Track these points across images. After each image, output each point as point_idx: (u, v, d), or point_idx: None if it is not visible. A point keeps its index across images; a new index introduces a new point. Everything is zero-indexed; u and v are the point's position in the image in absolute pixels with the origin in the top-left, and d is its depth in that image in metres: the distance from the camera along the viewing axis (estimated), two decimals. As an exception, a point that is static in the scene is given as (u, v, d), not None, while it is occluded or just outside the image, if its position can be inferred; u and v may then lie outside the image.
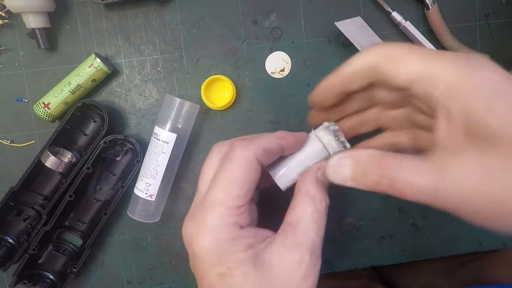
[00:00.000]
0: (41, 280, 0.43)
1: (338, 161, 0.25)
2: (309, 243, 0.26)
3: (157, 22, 0.44)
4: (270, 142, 0.27)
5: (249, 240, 0.25)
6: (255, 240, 0.25)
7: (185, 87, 0.44)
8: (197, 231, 0.25)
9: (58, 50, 0.43)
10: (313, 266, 0.26)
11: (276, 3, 0.44)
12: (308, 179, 0.28)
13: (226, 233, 0.24)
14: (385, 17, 0.44)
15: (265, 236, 0.26)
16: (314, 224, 0.26)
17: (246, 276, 0.24)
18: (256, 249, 0.25)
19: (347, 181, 0.25)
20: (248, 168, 0.25)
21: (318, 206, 0.27)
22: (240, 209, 0.25)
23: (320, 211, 0.27)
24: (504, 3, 0.44)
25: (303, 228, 0.26)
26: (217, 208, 0.24)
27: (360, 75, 0.26)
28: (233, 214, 0.25)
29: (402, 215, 0.47)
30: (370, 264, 0.47)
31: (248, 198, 0.25)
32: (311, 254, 0.25)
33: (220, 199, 0.25)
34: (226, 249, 0.24)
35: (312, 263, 0.25)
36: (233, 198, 0.25)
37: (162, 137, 0.40)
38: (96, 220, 0.44)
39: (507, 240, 0.48)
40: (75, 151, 0.43)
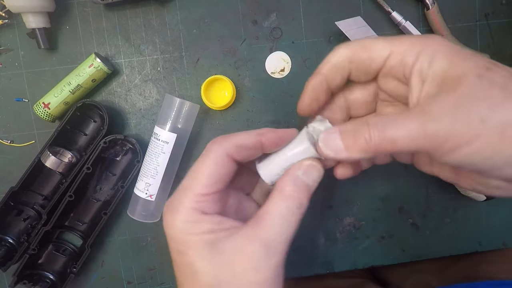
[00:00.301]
0: (41, 280, 0.43)
1: (327, 135, 0.26)
2: (268, 237, 0.26)
3: (157, 22, 0.44)
4: (245, 138, 0.29)
5: (210, 225, 0.27)
6: (218, 227, 0.27)
7: (185, 87, 0.44)
8: (166, 211, 0.28)
9: (58, 50, 0.44)
10: (266, 260, 0.26)
11: (276, 3, 0.44)
12: (287, 176, 0.28)
13: (187, 216, 0.27)
14: (385, 17, 0.44)
15: (232, 226, 0.27)
16: (280, 220, 0.26)
17: (198, 257, 0.26)
18: (216, 235, 0.27)
19: (340, 151, 0.25)
20: (216, 161, 0.28)
21: (290, 204, 0.27)
22: (204, 197, 0.27)
23: (290, 209, 0.27)
24: (504, 3, 0.44)
25: (267, 222, 0.27)
26: (183, 193, 0.28)
27: (339, 67, 0.28)
28: (196, 200, 0.27)
29: (402, 215, 0.47)
30: (370, 264, 0.47)
31: (216, 188, 0.28)
32: (267, 248, 0.26)
33: (187, 185, 0.28)
34: (186, 230, 0.27)
35: (266, 257, 0.26)
36: (197, 186, 0.27)
37: (162, 137, 0.40)
38: (96, 220, 0.44)
39: (507, 240, 0.48)
40: (75, 151, 0.43)
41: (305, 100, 0.30)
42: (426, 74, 0.25)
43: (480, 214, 0.48)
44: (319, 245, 0.47)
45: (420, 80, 0.25)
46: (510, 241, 0.48)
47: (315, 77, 0.29)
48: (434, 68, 0.24)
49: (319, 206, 0.46)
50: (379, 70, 0.28)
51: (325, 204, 0.47)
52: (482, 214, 0.48)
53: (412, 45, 0.26)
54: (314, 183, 0.29)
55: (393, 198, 0.47)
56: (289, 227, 0.27)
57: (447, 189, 0.47)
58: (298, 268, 0.47)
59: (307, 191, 0.28)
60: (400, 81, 0.27)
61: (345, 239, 0.47)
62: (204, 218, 0.27)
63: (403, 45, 0.26)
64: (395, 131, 0.23)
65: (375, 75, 0.28)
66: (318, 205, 0.46)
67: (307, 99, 0.30)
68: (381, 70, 0.27)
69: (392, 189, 0.47)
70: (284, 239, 0.27)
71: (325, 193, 0.46)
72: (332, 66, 0.28)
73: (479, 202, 0.46)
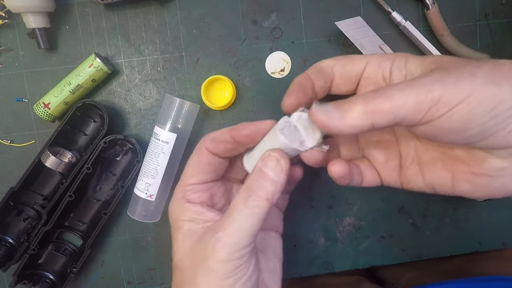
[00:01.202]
0: (41, 280, 0.43)
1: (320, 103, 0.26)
2: (219, 229, 0.28)
3: (157, 22, 0.44)
4: (220, 133, 0.31)
5: (192, 215, 0.30)
6: (198, 217, 0.30)
7: (185, 87, 0.44)
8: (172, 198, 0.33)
9: (58, 50, 0.44)
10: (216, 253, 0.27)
11: (276, 3, 0.44)
12: (253, 170, 0.28)
13: (177, 202, 0.31)
14: (385, 17, 0.44)
15: (211, 219, 0.30)
16: (234, 214, 0.27)
17: (176, 239, 0.30)
18: (195, 224, 0.30)
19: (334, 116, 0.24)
20: (198, 155, 0.31)
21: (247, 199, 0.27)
22: (189, 186, 0.31)
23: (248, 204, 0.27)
24: (504, 3, 0.44)
25: (225, 215, 0.28)
26: (179, 183, 0.32)
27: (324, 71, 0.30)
28: (182, 189, 0.31)
29: (402, 215, 0.47)
30: (370, 264, 0.47)
31: (199, 179, 0.31)
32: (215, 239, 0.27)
33: (181, 177, 0.32)
34: (176, 215, 0.31)
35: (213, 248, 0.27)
36: (184, 177, 0.32)
37: (162, 137, 0.40)
38: (96, 220, 0.44)
39: (507, 240, 0.48)
40: (75, 151, 0.43)
41: (292, 94, 0.30)
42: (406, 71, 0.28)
43: (480, 214, 0.48)
44: (319, 245, 0.47)
45: (401, 75, 0.28)
46: (510, 241, 0.48)
47: (302, 75, 0.31)
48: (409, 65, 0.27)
49: (319, 206, 0.46)
50: (360, 76, 0.30)
51: (325, 204, 0.47)
52: (482, 214, 0.48)
53: (386, 56, 0.29)
54: (278, 175, 0.27)
55: (393, 198, 0.47)
56: (243, 219, 0.27)
57: (447, 189, 0.47)
58: (298, 268, 0.47)
59: (268, 184, 0.27)
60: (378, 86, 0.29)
61: (345, 239, 0.47)
62: (188, 207, 0.30)
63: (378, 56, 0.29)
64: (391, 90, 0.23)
65: (356, 81, 0.30)
66: (318, 205, 0.46)
67: (294, 93, 0.30)
68: (361, 77, 0.30)
69: (392, 189, 0.46)
70: (236, 231, 0.27)
71: (325, 193, 0.46)
72: (317, 69, 0.31)
73: (479, 202, 0.46)
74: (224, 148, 0.31)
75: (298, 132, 0.28)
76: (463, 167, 0.26)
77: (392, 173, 0.31)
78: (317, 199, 0.46)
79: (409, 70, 0.27)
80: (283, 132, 0.27)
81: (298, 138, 0.27)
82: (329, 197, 0.46)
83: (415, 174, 0.30)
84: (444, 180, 0.28)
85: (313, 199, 0.46)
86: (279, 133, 0.27)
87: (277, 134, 0.27)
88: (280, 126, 0.27)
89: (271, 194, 0.27)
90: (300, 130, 0.28)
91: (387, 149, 0.32)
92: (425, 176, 0.29)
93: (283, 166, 0.28)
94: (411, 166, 0.30)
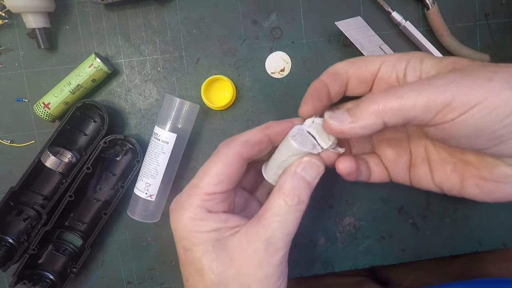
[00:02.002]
0: (41, 280, 0.43)
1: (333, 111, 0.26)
2: (268, 234, 0.26)
3: (157, 22, 0.44)
4: (252, 134, 0.29)
5: (216, 224, 0.27)
6: (223, 225, 0.28)
7: (185, 87, 0.44)
8: (173, 208, 0.29)
9: (58, 50, 0.43)
10: (268, 257, 0.26)
11: (276, 3, 0.44)
12: (285, 173, 0.28)
13: (194, 213, 0.27)
14: (385, 17, 0.44)
15: (237, 224, 0.28)
16: (278, 217, 0.27)
17: (203, 254, 0.27)
18: (221, 233, 0.27)
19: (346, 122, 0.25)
20: (224, 161, 0.28)
21: (288, 201, 0.27)
22: (211, 195, 0.28)
23: (289, 206, 0.27)
24: (504, 3, 0.44)
25: (266, 219, 0.27)
26: (191, 191, 0.28)
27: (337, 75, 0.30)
28: (203, 199, 0.28)
29: (402, 215, 0.47)
30: (370, 264, 0.47)
31: (223, 188, 0.28)
32: (267, 245, 0.26)
33: (195, 184, 0.28)
34: (192, 227, 0.27)
35: (267, 254, 0.26)
36: (205, 185, 0.28)
37: (162, 137, 0.40)
38: (96, 220, 0.44)
39: (507, 240, 0.48)
40: (75, 151, 0.43)
41: (309, 102, 0.30)
42: (421, 71, 0.27)
43: (480, 214, 0.48)
44: (319, 245, 0.47)
45: (416, 75, 0.27)
46: (510, 241, 0.48)
47: (317, 81, 0.30)
48: (424, 65, 0.27)
49: (319, 206, 0.46)
50: (374, 78, 0.29)
51: (325, 204, 0.47)
52: (482, 214, 0.48)
53: (401, 56, 0.28)
54: (314, 179, 0.29)
55: (393, 198, 0.47)
56: (289, 223, 0.27)
57: (447, 189, 0.47)
58: (298, 268, 0.47)
59: (307, 188, 0.28)
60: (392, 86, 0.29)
61: (345, 239, 0.47)
62: (210, 217, 0.27)
63: (393, 57, 0.29)
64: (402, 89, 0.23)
65: (370, 83, 0.30)
66: (318, 205, 0.46)
67: (310, 101, 0.30)
68: (376, 78, 0.29)
69: (392, 189, 0.47)
70: (284, 236, 0.27)
71: (325, 193, 0.46)
72: (331, 74, 0.30)
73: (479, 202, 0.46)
74: (259, 149, 0.29)
75: (310, 138, 0.29)
76: (473, 171, 0.26)
77: (402, 170, 0.31)
78: (317, 199, 0.46)
79: (424, 70, 0.27)
80: (295, 138, 0.28)
81: (310, 143, 0.28)
82: (329, 197, 0.46)
83: (425, 173, 0.30)
84: (453, 183, 0.28)
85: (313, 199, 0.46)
86: (291, 140, 0.28)
87: (289, 140, 0.28)
88: (292, 133, 0.28)
89: (309, 196, 0.28)
90: (314, 135, 0.29)
91: (398, 146, 0.32)
92: (434, 176, 0.29)
93: (322, 172, 0.29)
94: (421, 165, 0.30)
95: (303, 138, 0.28)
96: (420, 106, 0.22)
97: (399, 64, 0.28)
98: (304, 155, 0.28)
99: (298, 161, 0.28)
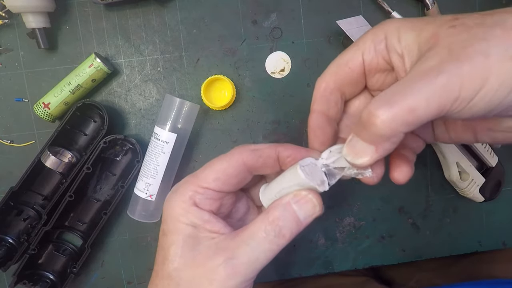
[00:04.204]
0: (41, 280, 0.43)
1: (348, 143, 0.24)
2: (233, 254, 0.25)
3: (157, 22, 0.44)
4: (264, 146, 0.28)
5: (194, 219, 0.27)
6: (201, 224, 0.27)
7: (185, 87, 0.44)
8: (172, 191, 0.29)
9: (58, 50, 0.43)
10: (224, 277, 0.25)
11: (276, 3, 0.44)
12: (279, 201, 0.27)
13: (181, 200, 0.27)
14: (385, 17, 0.44)
15: (217, 230, 0.27)
16: (252, 241, 0.25)
17: (173, 244, 0.27)
18: (198, 231, 0.27)
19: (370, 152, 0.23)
20: (228, 161, 0.28)
21: (268, 229, 0.26)
22: (203, 189, 0.27)
23: (267, 234, 0.25)
24: (504, 3, 0.44)
25: (239, 239, 0.26)
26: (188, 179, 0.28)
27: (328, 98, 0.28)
28: (193, 189, 0.27)
29: (402, 215, 0.47)
30: (370, 264, 0.47)
31: (217, 186, 0.27)
32: (227, 265, 0.25)
33: (195, 174, 0.28)
34: (177, 215, 0.27)
35: (224, 273, 0.25)
36: (202, 177, 0.28)
37: (162, 137, 0.40)
38: (96, 220, 0.44)
39: (507, 240, 0.48)
40: (75, 151, 0.43)
41: (315, 142, 0.29)
42: (400, 48, 0.24)
43: (480, 214, 0.48)
44: (319, 245, 0.47)
45: (399, 56, 0.25)
46: (510, 241, 0.48)
47: (312, 117, 0.28)
48: (404, 40, 0.24)
49: (319, 206, 0.46)
50: (364, 73, 0.27)
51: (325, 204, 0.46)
52: (482, 214, 0.48)
53: (375, 35, 0.26)
54: (306, 218, 0.27)
55: (393, 198, 0.47)
56: (260, 252, 0.25)
57: (447, 189, 0.47)
58: (298, 268, 0.47)
59: (294, 224, 0.26)
60: (386, 71, 0.27)
61: (345, 239, 0.47)
62: (193, 210, 0.27)
63: (368, 40, 0.26)
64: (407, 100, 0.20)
65: (364, 80, 0.28)
66: (318, 205, 0.46)
67: (315, 140, 0.28)
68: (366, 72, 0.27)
69: (392, 189, 0.47)
70: (251, 262, 0.25)
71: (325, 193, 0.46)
72: (320, 99, 0.28)
73: (479, 202, 0.46)
74: (264, 163, 0.28)
75: (321, 173, 0.27)
76: (482, 124, 0.26)
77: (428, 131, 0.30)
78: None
79: (405, 47, 0.24)
80: (304, 169, 0.26)
81: (319, 178, 0.26)
82: (329, 197, 0.46)
83: (442, 132, 0.29)
84: (468, 136, 0.27)
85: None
86: (299, 168, 0.26)
87: (297, 169, 0.26)
88: (303, 163, 0.26)
89: (294, 235, 0.26)
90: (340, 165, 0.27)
91: None
92: (450, 133, 0.29)
93: (317, 212, 0.27)
94: (438, 125, 0.29)
95: (313, 172, 0.26)
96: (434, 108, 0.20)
97: (378, 46, 0.26)
98: (305, 188, 0.26)
99: (295, 193, 0.26)
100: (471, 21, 0.22)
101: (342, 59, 0.27)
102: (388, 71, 0.27)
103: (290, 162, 0.28)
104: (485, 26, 0.21)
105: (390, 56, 0.25)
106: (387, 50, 0.25)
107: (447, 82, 0.20)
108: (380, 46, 0.26)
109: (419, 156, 0.30)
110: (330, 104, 0.28)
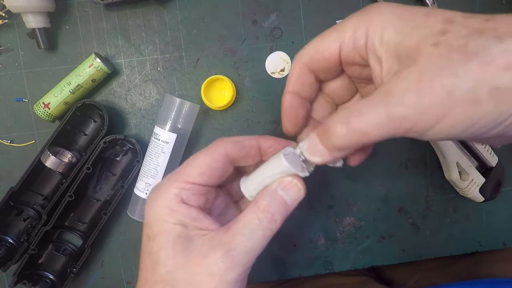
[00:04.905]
0: (41, 280, 0.43)
1: (309, 141, 0.26)
2: (230, 245, 0.25)
3: (157, 22, 0.44)
4: (245, 137, 0.29)
5: (183, 218, 0.26)
6: (190, 222, 0.26)
7: (185, 87, 0.44)
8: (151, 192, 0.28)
9: (58, 50, 0.44)
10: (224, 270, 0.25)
11: (276, 3, 0.44)
12: (265, 189, 0.27)
13: (168, 200, 0.26)
14: (385, 17, 0.44)
15: (206, 226, 0.27)
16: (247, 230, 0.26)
17: (162, 246, 0.26)
18: (187, 230, 0.26)
19: (324, 154, 0.25)
20: (211, 155, 0.27)
21: (261, 216, 0.26)
22: (190, 184, 0.27)
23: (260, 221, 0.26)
24: (504, 3, 0.44)
25: (233, 231, 0.26)
26: (170, 177, 0.27)
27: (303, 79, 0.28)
28: (180, 186, 0.26)
29: (402, 215, 0.47)
30: (370, 264, 0.47)
31: (203, 180, 0.27)
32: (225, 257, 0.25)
33: (177, 171, 0.27)
34: (162, 215, 0.26)
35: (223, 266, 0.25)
36: (186, 173, 0.27)
37: (162, 137, 0.40)
38: (96, 220, 0.44)
39: (507, 240, 0.48)
40: (75, 151, 0.43)
41: (287, 123, 0.29)
42: (380, 52, 0.23)
43: (480, 214, 0.48)
44: (319, 245, 0.47)
45: (377, 59, 0.24)
46: (510, 241, 0.48)
47: (286, 97, 0.29)
48: (386, 43, 0.23)
49: (319, 206, 0.46)
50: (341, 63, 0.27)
51: (325, 204, 0.47)
52: (482, 214, 0.48)
53: (357, 27, 0.24)
54: (293, 202, 0.27)
55: (393, 198, 0.47)
56: (255, 239, 0.26)
57: (447, 189, 0.47)
58: (298, 268, 0.47)
59: (283, 209, 0.27)
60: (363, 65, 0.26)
61: (345, 239, 0.47)
62: (180, 208, 0.26)
63: (349, 30, 0.25)
64: (362, 123, 0.22)
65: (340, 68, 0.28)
66: (318, 205, 0.46)
67: (287, 121, 0.29)
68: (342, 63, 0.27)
69: (392, 189, 0.47)
70: (247, 251, 0.25)
71: (325, 193, 0.46)
72: (295, 81, 0.28)
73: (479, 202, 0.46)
74: (247, 154, 0.28)
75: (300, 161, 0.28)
76: None
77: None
78: (317, 199, 0.46)
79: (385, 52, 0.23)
80: (287, 157, 0.27)
81: (300, 165, 0.28)
82: (329, 197, 0.46)
83: None
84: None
85: (313, 199, 0.46)
86: (283, 157, 0.27)
87: (280, 157, 0.27)
88: (285, 151, 0.28)
89: (284, 219, 0.27)
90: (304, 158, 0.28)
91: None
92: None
93: (302, 196, 0.28)
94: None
95: (294, 160, 0.28)
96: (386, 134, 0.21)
97: (357, 42, 0.24)
98: (288, 175, 0.27)
99: (280, 180, 0.27)
100: (456, 38, 0.20)
101: (320, 45, 0.26)
102: (365, 66, 0.26)
103: (271, 152, 0.29)
104: (465, 53, 0.20)
105: (368, 57, 0.25)
106: (366, 50, 0.24)
107: (404, 113, 0.20)
108: (360, 42, 0.24)
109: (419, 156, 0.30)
110: (305, 86, 0.28)
